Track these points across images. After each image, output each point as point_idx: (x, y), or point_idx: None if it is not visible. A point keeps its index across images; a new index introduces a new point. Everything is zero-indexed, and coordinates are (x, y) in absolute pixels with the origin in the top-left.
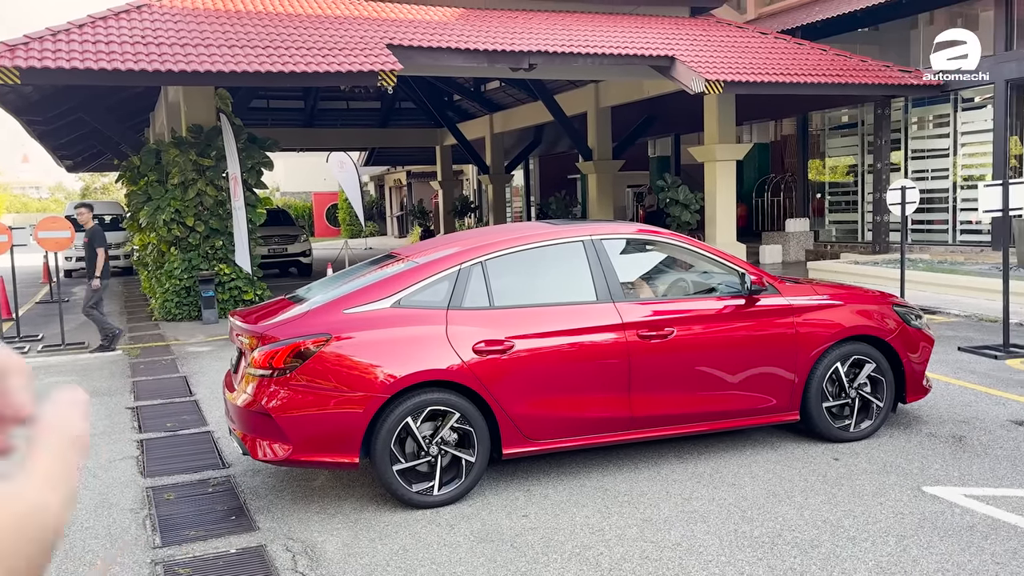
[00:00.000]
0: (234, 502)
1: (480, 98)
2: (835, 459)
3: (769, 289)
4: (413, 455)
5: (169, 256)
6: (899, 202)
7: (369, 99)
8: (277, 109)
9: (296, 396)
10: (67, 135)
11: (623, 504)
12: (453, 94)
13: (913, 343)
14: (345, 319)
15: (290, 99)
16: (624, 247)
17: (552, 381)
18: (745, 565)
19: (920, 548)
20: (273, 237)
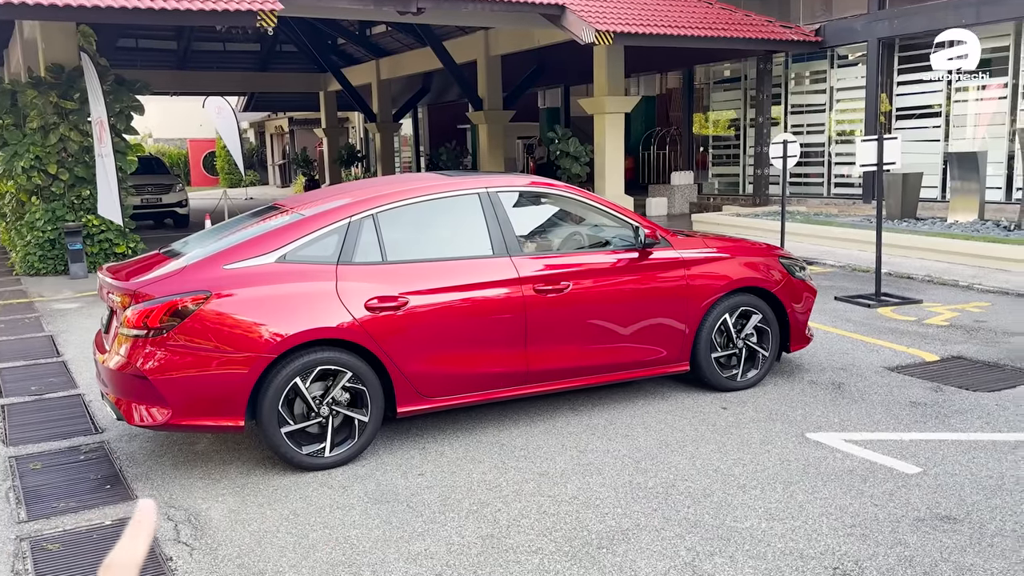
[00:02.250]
0: (109, 470)
1: (366, 43)
2: (724, 408)
3: (662, 242)
4: (303, 416)
5: (30, 206)
6: (781, 155)
7: (247, 41)
8: (147, 49)
9: (174, 357)
10: None
11: (519, 459)
12: (337, 38)
13: (797, 294)
14: (226, 275)
15: (162, 39)
16: (520, 200)
17: (448, 337)
18: (641, 516)
19: (805, 493)
20: (146, 186)
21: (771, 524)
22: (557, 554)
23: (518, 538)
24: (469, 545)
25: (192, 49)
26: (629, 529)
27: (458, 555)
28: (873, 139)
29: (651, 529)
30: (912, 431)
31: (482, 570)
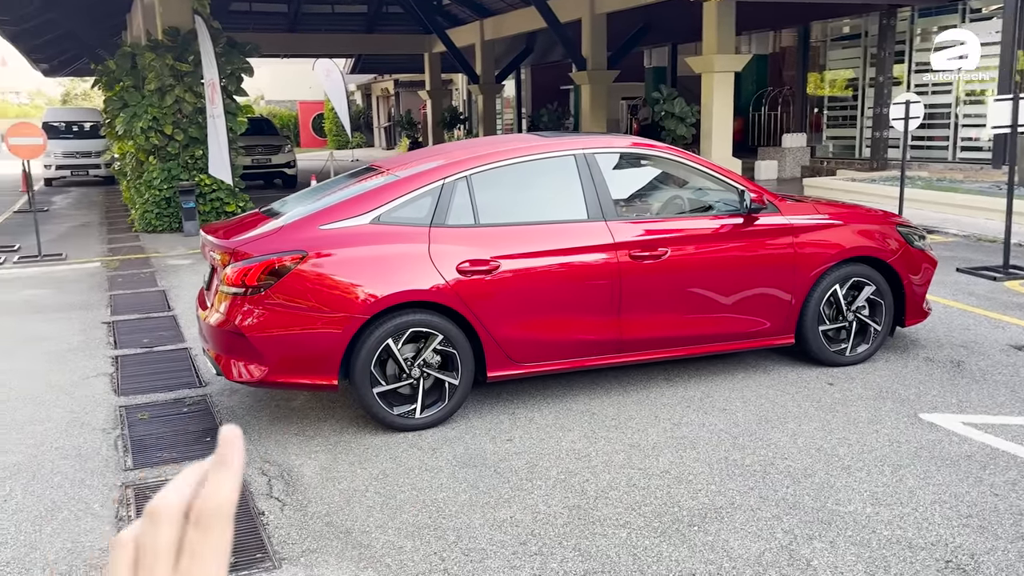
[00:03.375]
0: (209, 423)
1: (470, 3)
2: (830, 384)
3: (769, 207)
4: (394, 377)
5: (148, 166)
6: (903, 117)
7: (355, 2)
8: (259, 12)
9: (271, 315)
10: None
11: (610, 429)
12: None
13: (915, 265)
14: (322, 235)
15: (273, 1)
16: (618, 162)
17: (539, 302)
18: (736, 495)
19: (916, 478)
20: (256, 147)
21: (877, 509)
22: (646, 529)
23: (606, 510)
24: (555, 515)
25: (302, 12)
26: (723, 507)
27: (544, 524)
28: (1008, 99)
29: (746, 508)
30: None
31: (567, 541)
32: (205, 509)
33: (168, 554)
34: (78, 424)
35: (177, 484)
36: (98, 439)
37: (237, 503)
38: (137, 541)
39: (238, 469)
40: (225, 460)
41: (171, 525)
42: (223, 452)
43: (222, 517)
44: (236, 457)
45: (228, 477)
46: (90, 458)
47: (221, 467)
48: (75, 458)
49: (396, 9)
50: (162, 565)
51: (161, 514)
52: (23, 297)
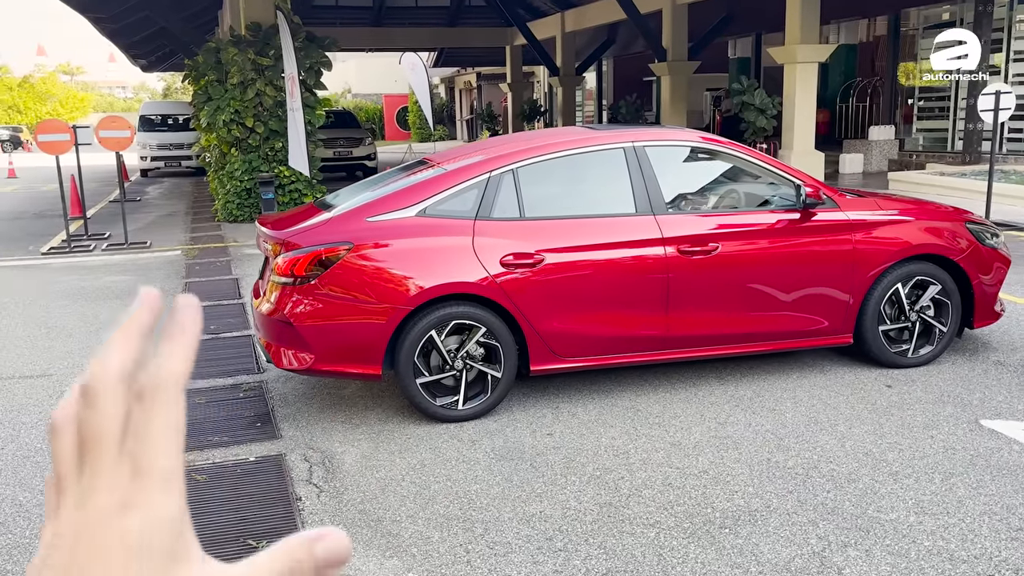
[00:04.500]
0: (262, 408)
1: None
2: (888, 386)
3: (827, 203)
4: (438, 368)
5: (230, 157)
6: (992, 108)
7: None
8: (345, 7)
9: (318, 305)
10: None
11: (653, 426)
12: None
13: (986, 264)
14: (368, 227)
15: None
16: (669, 155)
17: (584, 297)
18: (773, 497)
19: (968, 487)
20: (338, 140)
21: (920, 519)
22: (675, 530)
23: (637, 509)
24: (586, 511)
25: (386, 6)
26: (758, 510)
27: (572, 520)
28: None
29: (782, 512)
30: None
31: (594, 538)
32: (152, 382)
33: (114, 436)
34: None
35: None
36: None
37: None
38: (78, 422)
39: (192, 338)
40: (181, 327)
41: (115, 402)
42: (179, 318)
43: (172, 388)
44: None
45: (181, 346)
46: None
47: (175, 335)
48: None
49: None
50: (109, 449)
51: (100, 391)
52: (105, 283)
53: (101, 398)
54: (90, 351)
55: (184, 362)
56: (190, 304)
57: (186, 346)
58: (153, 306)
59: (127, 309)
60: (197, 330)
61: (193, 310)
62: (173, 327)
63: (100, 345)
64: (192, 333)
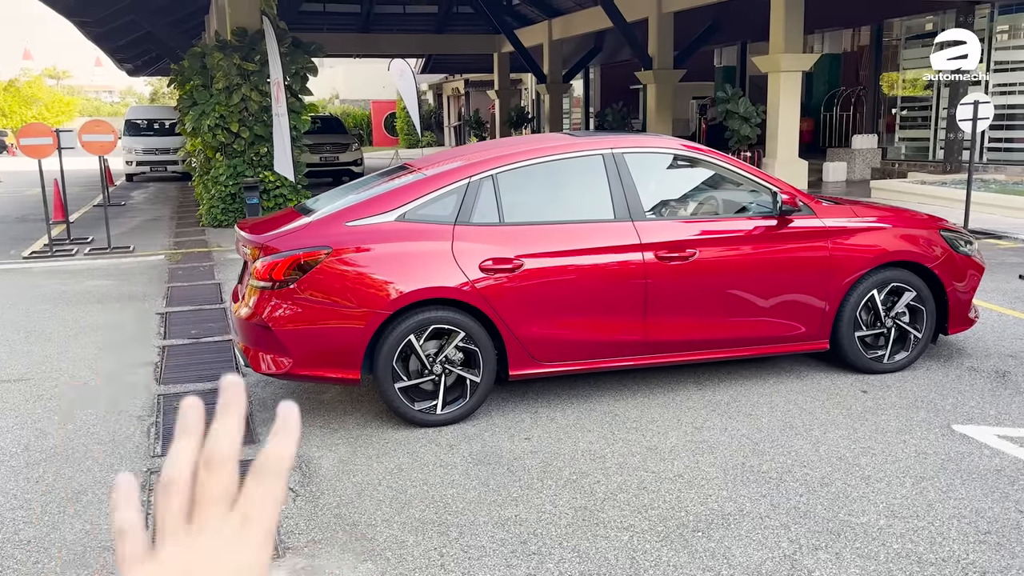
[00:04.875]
0: None
1: (539, 2)
2: (863, 392)
3: (803, 210)
4: (417, 373)
5: (215, 162)
6: (970, 118)
7: (426, 3)
8: (333, 13)
9: (296, 309)
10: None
11: (630, 431)
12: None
13: (959, 271)
14: (347, 231)
15: (346, 2)
16: (648, 161)
17: (562, 302)
18: (746, 501)
19: (938, 491)
20: (324, 145)
21: (890, 522)
22: (649, 533)
23: (612, 513)
24: (560, 515)
25: (374, 12)
26: (731, 514)
27: (547, 524)
28: None
29: (755, 516)
30: None
31: (568, 542)
32: (266, 461)
33: (229, 496)
34: (116, 411)
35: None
36: (133, 426)
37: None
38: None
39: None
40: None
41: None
42: (282, 413)
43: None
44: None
45: (288, 436)
46: (122, 444)
47: (282, 428)
48: (108, 443)
49: (466, 9)
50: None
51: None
52: (87, 287)
53: (220, 467)
54: (68, 355)
55: (291, 449)
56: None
57: (292, 437)
58: (242, 393)
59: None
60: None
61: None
62: (281, 423)
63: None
64: (296, 428)
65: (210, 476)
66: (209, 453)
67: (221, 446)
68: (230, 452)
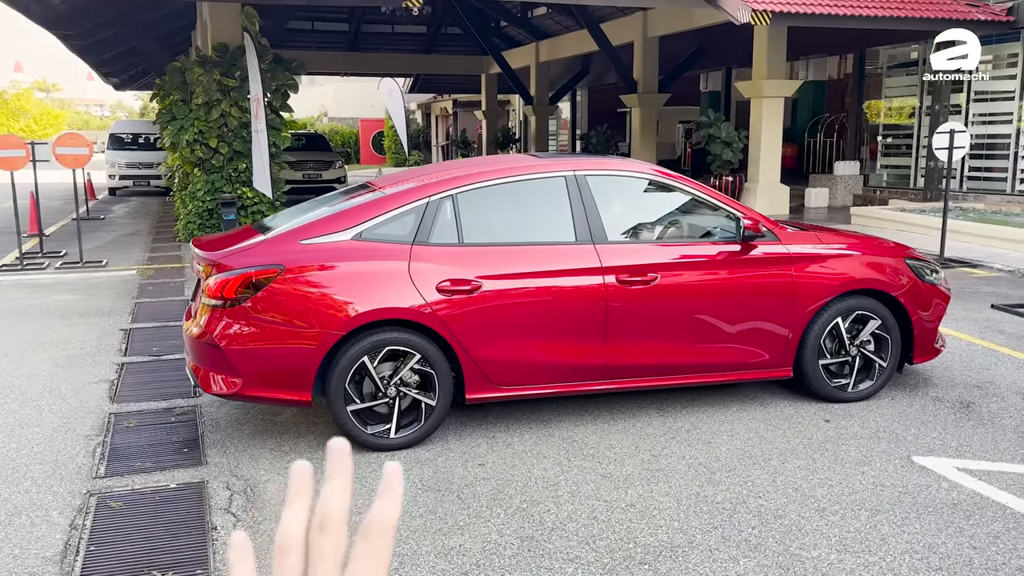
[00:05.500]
0: (192, 434)
1: (527, 25)
2: (826, 421)
3: (768, 236)
4: (371, 396)
5: (193, 177)
6: (946, 147)
7: (414, 23)
8: (321, 31)
9: (247, 328)
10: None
11: (586, 457)
12: (500, 20)
13: (925, 300)
14: (301, 250)
15: (334, 21)
16: (611, 184)
17: (521, 325)
18: (697, 532)
19: (892, 525)
20: (308, 163)
21: (841, 556)
22: (594, 565)
23: (559, 543)
24: (506, 545)
25: (362, 31)
26: (680, 545)
27: (491, 555)
28: None
29: (704, 548)
30: None
31: (511, 574)
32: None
33: (341, 557)
34: (64, 429)
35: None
36: (78, 445)
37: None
38: (310, 544)
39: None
40: (390, 486)
41: (343, 532)
42: (387, 475)
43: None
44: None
45: (392, 498)
46: (65, 464)
47: (386, 490)
48: (51, 463)
49: (455, 30)
50: (335, 567)
51: (334, 524)
52: (53, 302)
53: (333, 530)
54: (23, 371)
55: (397, 511)
56: (395, 468)
57: (396, 498)
58: (349, 458)
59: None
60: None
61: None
62: (386, 484)
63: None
64: (399, 489)
65: (324, 537)
66: (323, 515)
67: (333, 509)
68: (341, 515)
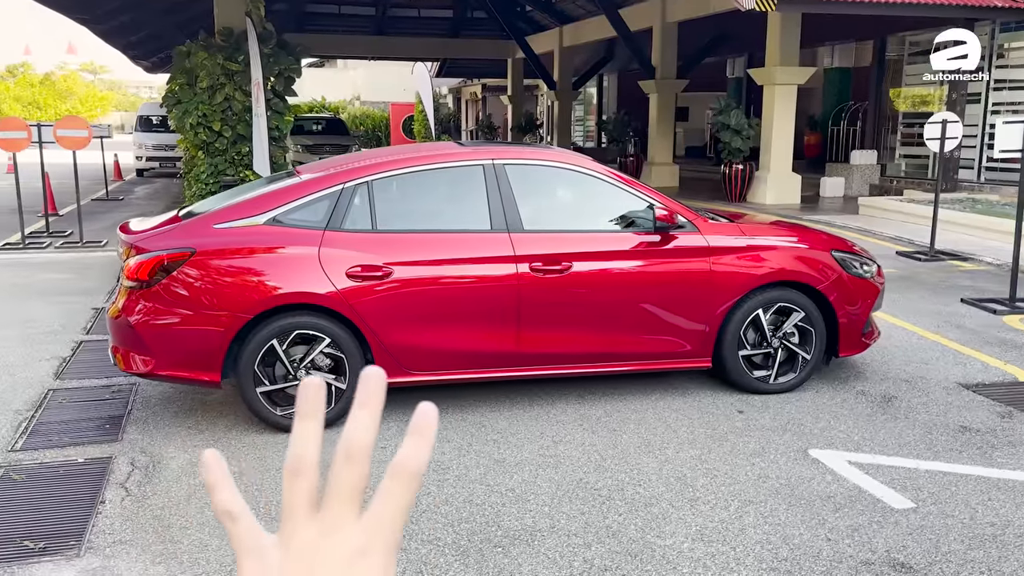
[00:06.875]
0: (120, 411)
1: (551, 8)
2: (740, 412)
3: (687, 227)
4: (283, 378)
5: (197, 160)
6: (938, 137)
7: (441, 7)
8: (348, 16)
9: (160, 310)
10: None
11: (488, 443)
12: (525, 4)
13: (850, 293)
14: (215, 233)
15: (361, 5)
16: (530, 174)
17: (433, 312)
18: (563, 518)
19: (758, 515)
20: (324, 147)
21: (694, 545)
22: (450, 547)
23: (426, 525)
24: None
25: (389, 15)
26: (541, 530)
27: None
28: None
29: (563, 533)
30: (937, 460)
31: None
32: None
33: (363, 491)
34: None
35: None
36: (7, 420)
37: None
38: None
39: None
40: (422, 428)
41: (368, 465)
42: (420, 422)
43: (416, 478)
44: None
45: (424, 445)
46: None
47: (418, 431)
48: None
49: (480, 14)
50: (356, 502)
51: (360, 456)
52: (39, 280)
53: (359, 460)
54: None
55: (427, 454)
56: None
57: (428, 441)
58: (383, 386)
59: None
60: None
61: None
62: (417, 423)
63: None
64: (431, 434)
65: (348, 468)
66: (349, 444)
67: (361, 438)
68: (369, 446)
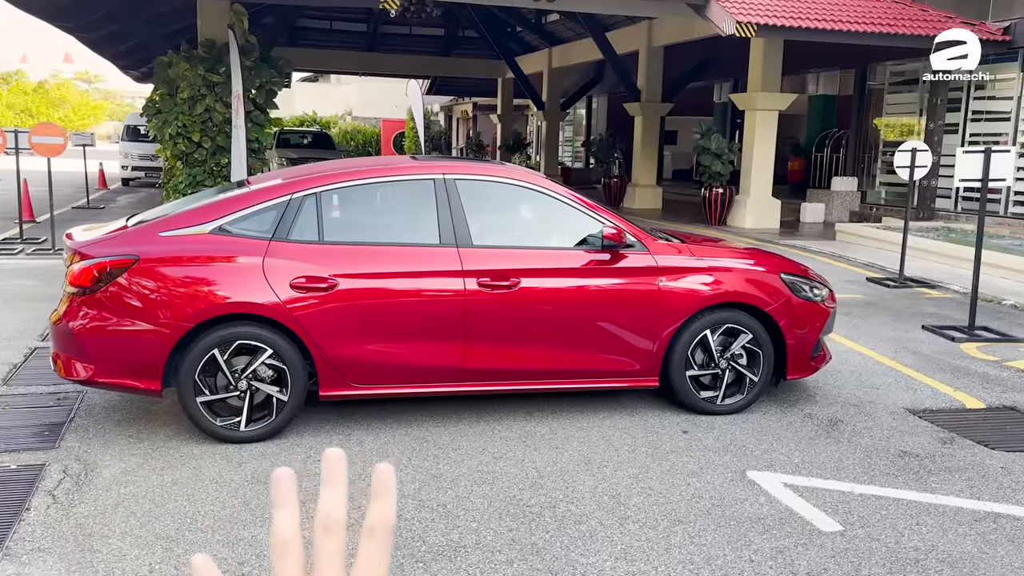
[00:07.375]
0: (61, 418)
1: (540, 30)
2: (684, 432)
3: (637, 246)
4: (224, 388)
5: (176, 171)
6: (908, 165)
7: (432, 25)
8: (340, 31)
9: (100, 317)
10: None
11: (428, 458)
12: (515, 25)
13: (798, 316)
14: (159, 241)
15: (352, 21)
16: (481, 190)
17: (378, 325)
18: (489, 535)
19: (685, 536)
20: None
21: (616, 564)
22: None
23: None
24: None
25: (380, 32)
26: (465, 546)
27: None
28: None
29: (488, 549)
30: (872, 484)
31: None
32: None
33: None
34: None
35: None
36: None
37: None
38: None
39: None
40: (383, 487)
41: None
42: (379, 479)
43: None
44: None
45: (387, 502)
46: None
47: (380, 492)
48: None
49: (472, 33)
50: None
51: (336, 528)
52: (5, 286)
53: (338, 531)
54: None
55: (393, 511)
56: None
57: (392, 500)
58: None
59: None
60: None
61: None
62: (379, 486)
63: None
64: (392, 492)
65: (329, 539)
66: (327, 519)
67: (333, 512)
68: (343, 517)
